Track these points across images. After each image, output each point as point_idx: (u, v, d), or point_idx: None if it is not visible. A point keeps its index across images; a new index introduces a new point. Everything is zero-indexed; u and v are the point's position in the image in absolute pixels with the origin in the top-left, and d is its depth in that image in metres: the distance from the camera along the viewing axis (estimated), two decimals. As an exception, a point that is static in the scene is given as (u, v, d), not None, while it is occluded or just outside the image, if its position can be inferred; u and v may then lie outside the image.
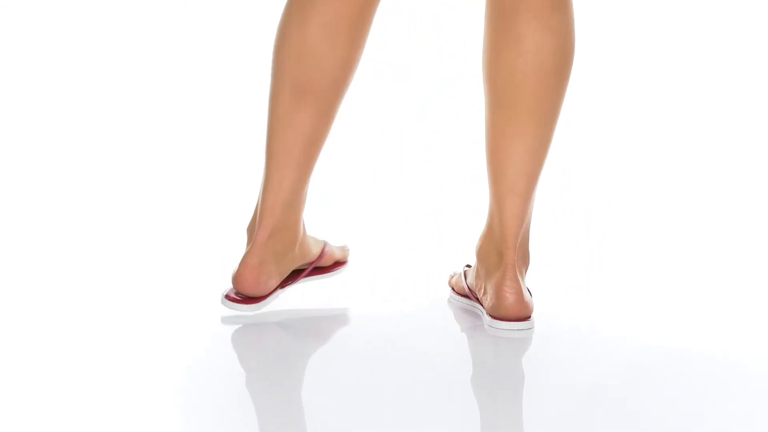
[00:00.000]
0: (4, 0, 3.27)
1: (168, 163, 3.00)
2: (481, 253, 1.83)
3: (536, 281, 1.88)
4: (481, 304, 1.82)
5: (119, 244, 2.30)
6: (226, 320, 1.79)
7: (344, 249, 1.97)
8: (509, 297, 1.75)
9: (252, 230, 1.82)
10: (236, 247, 1.86)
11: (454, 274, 1.96)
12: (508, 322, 1.74)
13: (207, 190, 2.76)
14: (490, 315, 1.77)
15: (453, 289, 1.94)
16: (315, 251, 1.90)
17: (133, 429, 1.36)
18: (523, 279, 1.81)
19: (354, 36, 1.75)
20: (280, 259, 1.81)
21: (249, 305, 1.78)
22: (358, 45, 1.76)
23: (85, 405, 1.43)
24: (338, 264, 1.95)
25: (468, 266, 1.92)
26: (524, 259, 1.82)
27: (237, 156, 2.87)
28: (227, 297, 1.79)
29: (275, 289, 1.81)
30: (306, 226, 1.88)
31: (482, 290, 1.82)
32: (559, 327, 1.79)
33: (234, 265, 1.80)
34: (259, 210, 1.80)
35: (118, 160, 3.05)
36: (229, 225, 1.94)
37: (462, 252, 1.99)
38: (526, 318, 1.75)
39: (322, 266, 1.92)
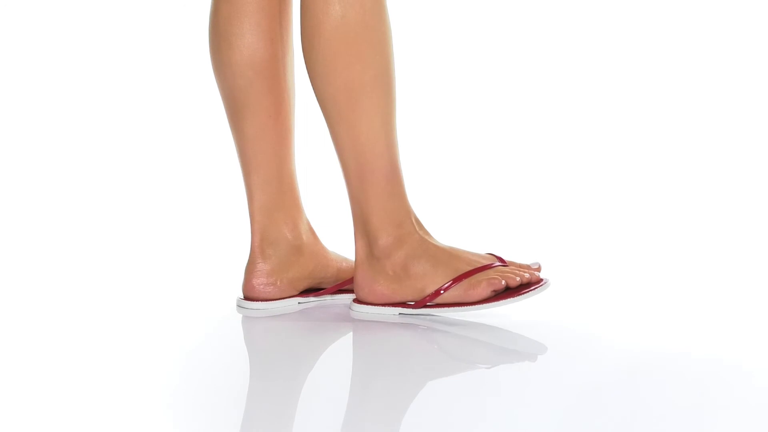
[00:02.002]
0: (4, 0, 3.29)
1: (191, 170, 3.04)
2: None
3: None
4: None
5: (138, 247, 2.36)
6: (230, 320, 1.82)
7: None
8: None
9: None
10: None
11: None
12: (358, 304, 1.80)
13: (224, 197, 2.77)
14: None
15: None
16: (345, 269, 1.90)
17: (134, 428, 1.37)
18: (376, 264, 1.77)
19: (253, 37, 1.77)
20: (286, 265, 1.83)
21: (252, 303, 1.82)
22: (258, 44, 1.78)
23: (87, 405, 1.44)
24: None
25: None
26: (373, 244, 1.78)
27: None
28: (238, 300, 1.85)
29: (289, 297, 1.84)
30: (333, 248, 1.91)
31: None
32: (557, 328, 1.78)
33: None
34: None
35: (130, 162, 3.08)
36: (243, 232, 1.96)
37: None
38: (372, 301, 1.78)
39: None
